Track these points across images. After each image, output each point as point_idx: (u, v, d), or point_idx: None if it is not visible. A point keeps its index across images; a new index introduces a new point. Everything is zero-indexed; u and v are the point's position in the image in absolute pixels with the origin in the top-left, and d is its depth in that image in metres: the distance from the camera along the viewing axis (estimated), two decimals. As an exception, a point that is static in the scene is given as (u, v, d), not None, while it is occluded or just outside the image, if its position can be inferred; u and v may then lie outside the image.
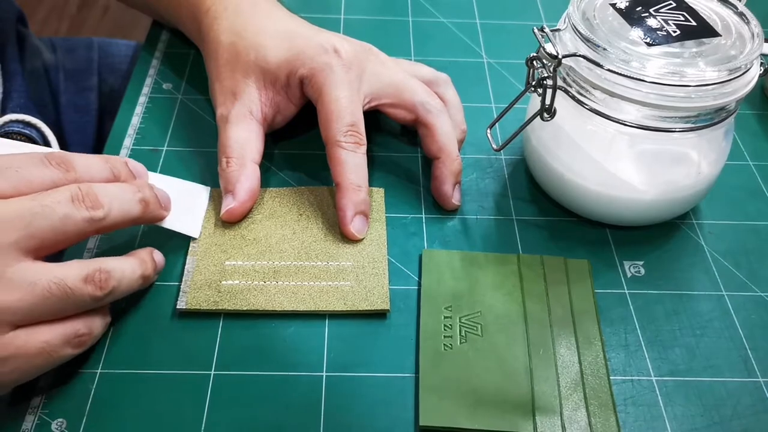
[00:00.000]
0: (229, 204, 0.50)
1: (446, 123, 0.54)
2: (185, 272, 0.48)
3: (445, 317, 0.47)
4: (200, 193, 0.52)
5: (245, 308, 0.46)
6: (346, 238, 0.50)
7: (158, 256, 0.47)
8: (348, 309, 0.47)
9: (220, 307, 0.46)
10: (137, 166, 0.47)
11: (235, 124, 0.52)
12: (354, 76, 0.52)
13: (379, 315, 0.47)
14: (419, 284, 0.49)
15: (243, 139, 0.51)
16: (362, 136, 0.51)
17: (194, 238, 0.50)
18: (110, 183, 0.44)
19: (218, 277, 0.48)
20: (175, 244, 0.50)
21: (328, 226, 0.51)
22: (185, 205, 0.50)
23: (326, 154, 0.51)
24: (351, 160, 0.50)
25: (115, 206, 0.42)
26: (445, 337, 0.46)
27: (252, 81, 0.53)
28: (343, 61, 0.51)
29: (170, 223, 0.48)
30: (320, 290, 0.48)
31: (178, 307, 0.46)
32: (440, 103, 0.54)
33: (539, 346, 0.46)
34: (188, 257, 0.49)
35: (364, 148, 0.51)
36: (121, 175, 0.45)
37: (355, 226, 0.50)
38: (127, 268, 0.43)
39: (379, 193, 0.54)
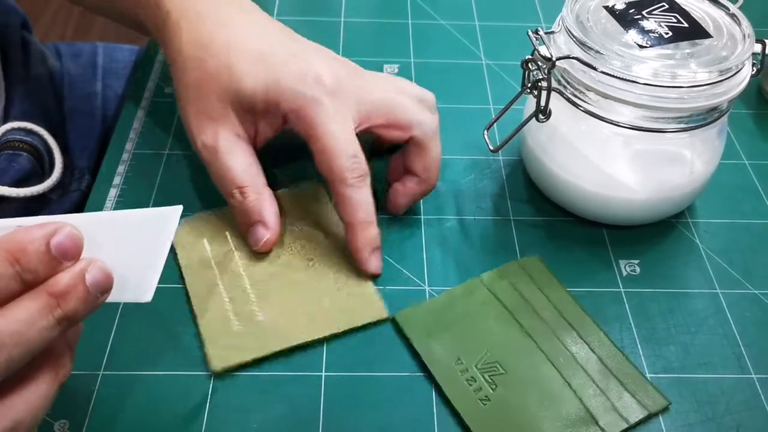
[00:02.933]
0: (264, 235, 0.49)
1: (439, 146, 0.52)
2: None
3: (461, 372, 0.45)
4: (166, 221, 0.37)
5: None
6: (366, 274, 0.50)
7: (74, 335, 0.36)
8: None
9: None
10: (64, 244, 0.32)
11: (230, 151, 0.49)
12: (341, 104, 0.49)
13: (378, 315, 0.48)
14: (412, 345, 0.47)
15: (246, 165, 0.50)
16: (365, 165, 0.49)
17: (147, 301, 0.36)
18: (13, 310, 0.31)
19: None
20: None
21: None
22: (141, 253, 0.36)
23: (331, 191, 0.49)
24: (357, 198, 0.48)
25: (16, 354, 0.31)
26: (475, 391, 0.44)
27: (229, 106, 0.50)
28: (328, 90, 0.49)
29: (116, 296, 0.35)
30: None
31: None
32: (435, 124, 0.52)
33: (557, 355, 0.45)
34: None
35: (368, 179, 0.49)
36: (39, 274, 0.32)
37: (372, 264, 0.49)
38: (38, 404, 0.33)
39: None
